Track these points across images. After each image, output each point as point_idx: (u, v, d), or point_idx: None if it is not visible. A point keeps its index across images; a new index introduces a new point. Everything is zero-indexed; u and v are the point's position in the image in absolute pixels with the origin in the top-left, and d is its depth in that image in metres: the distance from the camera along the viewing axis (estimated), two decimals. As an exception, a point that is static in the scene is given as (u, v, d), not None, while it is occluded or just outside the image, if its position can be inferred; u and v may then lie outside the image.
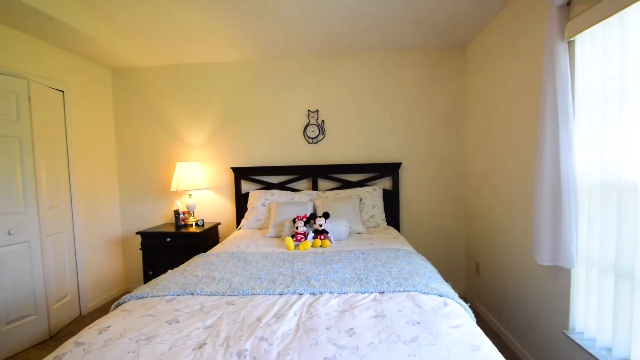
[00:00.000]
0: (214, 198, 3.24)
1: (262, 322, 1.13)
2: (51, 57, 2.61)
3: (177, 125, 3.24)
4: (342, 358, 0.93)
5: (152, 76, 3.24)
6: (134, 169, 3.31)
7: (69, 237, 2.76)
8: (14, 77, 2.29)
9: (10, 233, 2.24)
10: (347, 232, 2.38)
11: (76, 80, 2.85)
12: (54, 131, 2.61)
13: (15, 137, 2.28)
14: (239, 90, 3.15)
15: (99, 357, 0.97)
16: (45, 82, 2.54)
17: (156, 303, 1.31)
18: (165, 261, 2.74)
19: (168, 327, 1.12)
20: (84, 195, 2.91)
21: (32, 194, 2.38)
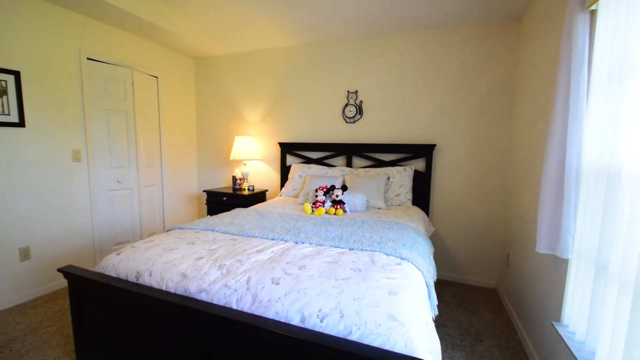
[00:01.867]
0: (264, 168, 3.76)
1: (245, 252, 1.50)
2: (148, 50, 3.39)
3: (239, 105, 3.82)
4: (283, 280, 1.23)
5: (223, 63, 3.86)
6: (208, 140, 4.06)
7: (159, 189, 3.64)
8: (123, 67, 3.10)
9: (119, 181, 3.14)
10: (363, 205, 2.57)
11: (167, 68, 3.63)
12: (149, 108, 3.43)
13: (123, 112, 3.13)
14: (288, 73, 3.52)
15: (138, 254, 1.49)
16: (144, 70, 3.34)
17: (187, 232, 1.81)
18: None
19: (186, 245, 1.59)
20: (170, 159, 3.76)
21: (134, 154, 3.24)
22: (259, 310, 1.16)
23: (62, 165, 2.68)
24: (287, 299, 1.15)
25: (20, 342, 1.96)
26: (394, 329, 1.00)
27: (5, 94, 2.29)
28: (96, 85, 2.88)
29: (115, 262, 1.50)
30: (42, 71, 2.50)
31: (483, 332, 2.21)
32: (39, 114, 2.50)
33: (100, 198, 2.99)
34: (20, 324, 2.16)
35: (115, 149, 3.08)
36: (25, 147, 2.43)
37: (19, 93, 2.35)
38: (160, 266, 1.40)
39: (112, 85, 3.01)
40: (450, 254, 3.05)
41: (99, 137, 2.94)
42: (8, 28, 2.28)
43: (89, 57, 2.82)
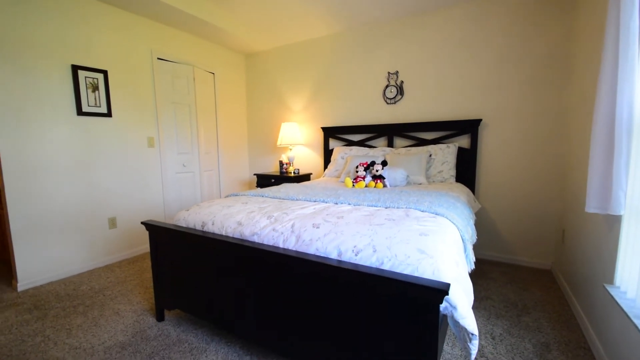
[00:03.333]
0: (309, 153, 3.97)
1: (290, 208, 1.69)
2: (206, 49, 3.80)
3: (284, 94, 4.08)
4: (323, 225, 1.38)
5: (269, 57, 4.15)
6: (257, 129, 4.40)
7: (216, 174, 4.05)
8: (186, 65, 3.53)
9: (184, 165, 3.58)
10: (403, 180, 2.62)
11: (222, 65, 4.03)
12: (208, 101, 3.85)
13: (187, 104, 3.56)
14: (329, 61, 3.67)
15: (203, 209, 1.76)
16: (203, 67, 3.75)
17: (241, 197, 2.07)
18: (270, 196, 3.69)
19: (241, 204, 1.83)
20: (226, 147, 4.15)
21: (196, 142, 3.66)
22: (301, 247, 1.32)
23: (140, 149, 3.16)
24: (326, 239, 1.30)
25: (110, 290, 2.39)
26: (422, 260, 1.09)
27: (97, 90, 2.79)
28: (165, 82, 3.34)
29: (185, 215, 1.79)
30: (124, 70, 2.98)
31: (532, 306, 2.13)
32: (121, 106, 2.98)
33: (169, 179, 3.44)
34: (110, 278, 2.63)
35: (181, 137, 3.52)
36: (112, 134, 2.92)
37: (107, 89, 2.85)
38: (221, 217, 1.65)
39: (178, 82, 3.45)
40: (499, 233, 2.94)
41: (168, 126, 3.40)
42: (98, 34, 2.77)
43: (159, 57, 3.27)
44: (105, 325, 1.90)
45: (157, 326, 1.89)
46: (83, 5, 2.65)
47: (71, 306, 2.15)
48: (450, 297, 1.00)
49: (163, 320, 1.95)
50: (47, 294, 2.33)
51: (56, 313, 2.06)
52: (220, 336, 1.79)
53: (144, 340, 1.75)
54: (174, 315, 2.02)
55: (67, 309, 2.11)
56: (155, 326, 1.89)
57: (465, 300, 1.05)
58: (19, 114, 2.35)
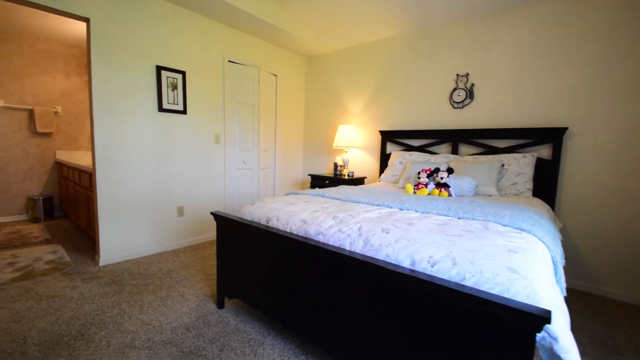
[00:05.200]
0: (364, 156, 3.90)
1: (354, 210, 1.64)
2: (271, 52, 3.95)
3: (342, 96, 4.07)
4: (392, 230, 1.31)
5: (330, 60, 4.18)
6: (313, 130, 4.45)
7: (272, 172, 4.18)
8: (252, 67, 3.70)
9: (245, 162, 3.75)
10: (471, 189, 2.42)
11: (284, 67, 4.15)
12: (269, 102, 3.99)
13: (250, 104, 3.73)
14: (390, 63, 3.57)
15: (267, 205, 1.80)
16: (267, 70, 3.90)
17: (302, 196, 2.08)
18: (323, 198, 3.70)
19: (303, 203, 1.83)
20: (282, 146, 4.27)
21: (256, 140, 3.82)
22: (370, 252, 1.27)
23: (207, 145, 3.37)
24: (397, 245, 1.23)
25: (176, 273, 2.57)
26: (514, 280, 0.97)
27: (175, 89, 3.04)
28: (233, 83, 3.54)
29: (250, 209, 1.85)
30: (199, 71, 3.22)
31: (624, 346, 1.81)
32: (195, 104, 3.22)
33: (231, 174, 3.63)
34: (176, 262, 2.83)
35: (243, 135, 3.70)
36: (185, 129, 3.17)
37: (184, 88, 3.09)
38: (285, 214, 1.67)
39: (244, 83, 3.63)
40: (583, 258, 2.57)
41: (233, 125, 3.59)
42: (178, 37, 3.03)
43: (230, 60, 3.48)
44: (172, 306, 2.04)
45: (217, 313, 1.97)
46: (166, 10, 2.92)
47: (143, 284, 2.35)
48: (551, 326, 0.87)
49: (223, 308, 2.04)
50: (123, 271, 2.58)
51: (130, 289, 2.27)
52: (277, 331, 1.80)
53: (206, 325, 1.83)
54: (232, 304, 2.10)
55: (139, 286, 2.31)
56: (216, 313, 1.98)
57: (568, 332, 0.90)
58: (112, 108, 2.65)
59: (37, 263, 2.62)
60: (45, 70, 4.13)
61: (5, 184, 3.95)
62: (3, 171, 3.93)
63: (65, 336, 1.69)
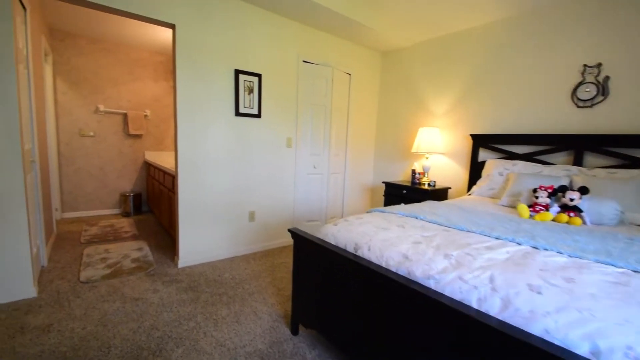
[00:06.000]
0: (448, 164, 3.41)
1: (470, 246, 1.28)
2: (344, 49, 3.68)
3: (424, 95, 3.61)
4: (546, 290, 0.93)
5: (409, 54, 3.76)
6: (386, 133, 4.08)
7: (341, 177, 3.94)
8: (325, 66, 3.49)
9: (315, 167, 3.57)
10: (615, 217, 1.83)
11: (358, 65, 3.86)
12: (342, 103, 3.74)
13: (323, 106, 3.53)
14: (487, 54, 3.02)
15: (354, 228, 1.53)
16: (341, 68, 3.65)
17: (390, 216, 1.77)
18: (400, 209, 3.33)
19: (397, 228, 1.52)
20: (353, 150, 4.00)
21: (327, 144, 3.61)
22: (515, 320, 0.91)
23: (279, 149, 3.27)
24: (562, 318, 0.85)
25: (248, 284, 2.48)
26: None
27: (252, 92, 2.97)
28: (307, 84, 3.37)
29: (334, 231, 1.61)
30: (273, 73, 3.11)
31: None
32: (269, 107, 3.12)
33: (301, 179, 3.48)
34: (247, 270, 2.76)
35: (315, 139, 3.51)
36: (258, 133, 3.09)
37: (259, 91, 3.01)
38: (378, 243, 1.38)
39: (318, 83, 3.44)
40: None
41: (305, 128, 3.43)
42: (255, 39, 2.94)
43: (304, 60, 3.31)
44: (245, 324, 1.92)
45: (292, 341, 1.79)
46: (245, 12, 2.84)
47: (217, 294, 2.29)
48: None
49: (297, 335, 1.85)
50: (199, 275, 2.59)
51: (205, 298, 2.22)
52: (360, 377, 1.54)
53: (281, 356, 1.66)
54: (308, 332, 1.89)
55: (214, 295, 2.26)
56: (291, 340, 1.79)
57: None
58: (194, 113, 2.67)
59: (125, 260, 2.78)
60: (138, 77, 4.51)
61: (103, 180, 4.42)
62: (102, 169, 4.39)
63: (145, 349, 1.66)
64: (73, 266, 2.64)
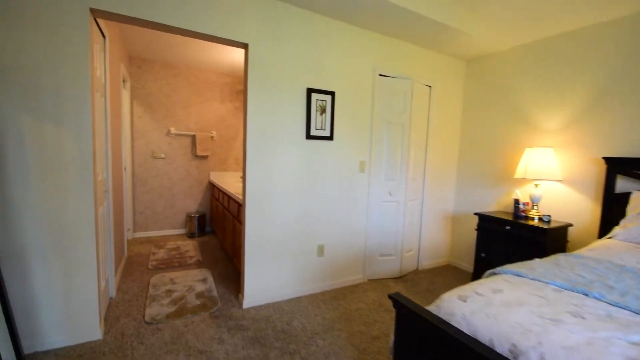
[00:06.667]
0: (567, 193, 2.68)
1: None
2: (425, 59, 3.21)
3: (528, 108, 2.96)
4: None
5: (504, 60, 3.15)
6: (473, 153, 3.47)
7: (419, 204, 3.41)
8: (405, 79, 3.05)
9: (390, 193, 3.10)
10: None
11: (439, 76, 3.36)
12: (421, 119, 3.25)
13: (400, 124, 3.08)
14: (624, 55, 2.30)
15: (501, 313, 1.04)
16: (421, 80, 3.19)
17: (541, 287, 1.23)
18: (500, 248, 2.68)
19: (572, 319, 1.00)
20: (432, 173, 3.45)
21: (404, 167, 3.13)
22: None
23: (352, 174, 2.88)
24: None
25: (321, 338, 2.09)
26: None
27: (324, 112, 2.65)
28: (383, 100, 2.97)
29: (465, 312, 1.13)
30: (347, 90, 2.77)
31: None
32: (341, 128, 2.78)
33: (374, 208, 3.05)
34: (317, 316, 2.37)
35: (390, 162, 3.07)
36: (330, 157, 2.75)
37: (332, 111, 2.68)
38: (559, 352, 0.87)
39: (395, 99, 3.02)
40: None
41: (380, 149, 3.01)
42: (329, 54, 2.64)
43: (380, 74, 2.92)
44: (326, 408, 1.51)
45: None
46: (319, 25, 2.56)
47: (288, 352, 1.93)
48: None
49: None
50: (266, 321, 2.27)
51: (275, 355, 1.88)
52: None
53: None
54: None
55: (285, 354, 1.91)
56: None
57: None
58: (264, 137, 2.42)
59: (189, 294, 2.60)
60: (205, 99, 4.55)
61: (171, 201, 4.47)
62: (171, 190, 4.45)
63: None
64: (139, 299, 2.52)
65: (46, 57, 1.69)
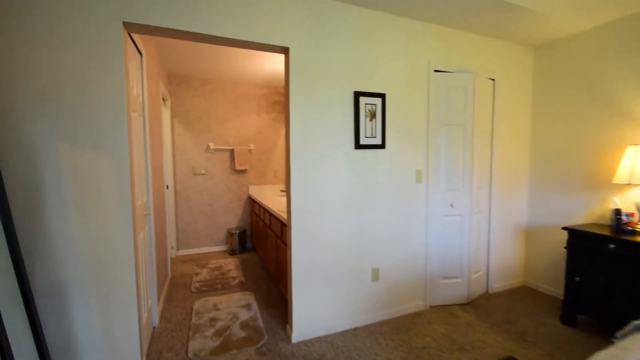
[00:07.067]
0: (694, 201, 2.10)
1: None
2: (486, 48, 2.78)
3: (627, 97, 2.40)
4: None
5: (586, 42, 2.62)
6: (549, 155, 2.93)
7: (485, 217, 2.94)
8: (464, 73, 2.64)
9: (452, 206, 2.68)
10: None
11: (504, 67, 2.90)
12: (484, 119, 2.81)
13: (461, 125, 2.66)
14: None
15: None
16: (483, 74, 2.76)
17: None
18: (602, 272, 2.15)
19: None
20: (499, 180, 2.97)
21: (468, 174, 2.70)
22: None
23: (407, 186, 2.52)
24: None
25: (386, 385, 1.74)
26: None
27: (374, 117, 2.34)
28: (439, 99, 2.59)
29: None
30: (399, 91, 2.44)
31: None
32: (394, 134, 2.44)
33: (434, 223, 2.65)
34: (379, 355, 2.03)
35: (451, 169, 2.66)
36: (382, 168, 2.42)
37: (383, 115, 2.36)
38: None
39: (453, 96, 2.62)
40: None
41: (438, 156, 2.62)
42: (377, 52, 2.33)
43: (436, 69, 2.55)
44: None
45: None
46: (366, 20, 2.27)
47: (350, 406, 1.61)
48: None
49: None
50: (319, 361, 1.97)
51: (335, 411, 1.57)
52: None
53: None
54: None
55: (346, 409, 1.59)
56: None
57: None
58: (309, 148, 2.16)
59: (234, 325, 2.38)
60: (242, 112, 4.45)
61: (212, 217, 4.39)
62: (211, 206, 4.37)
63: None
64: (182, 328, 2.36)
65: (79, 78, 1.58)
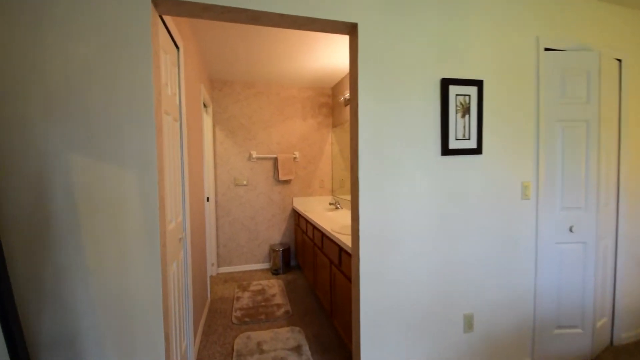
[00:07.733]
0: None
1: None
2: (609, 17, 2.08)
3: None
4: None
5: None
6: None
7: (612, 244, 2.18)
8: (585, 51, 1.96)
9: (572, 230, 1.99)
10: None
11: (632, 42, 2.16)
12: (611, 111, 2.09)
13: (582, 121, 1.97)
14: None
15: None
16: (609, 53, 2.05)
17: None
18: None
19: None
20: (630, 194, 2.20)
21: (593, 187, 1.99)
22: None
23: (510, 204, 1.89)
24: None
25: None
26: None
27: (467, 113, 1.76)
28: (552, 85, 1.93)
29: None
30: (498, 77, 1.83)
31: None
32: (492, 135, 1.83)
33: (546, 253, 1.97)
34: None
35: (570, 180, 1.97)
36: (477, 180, 1.82)
37: (479, 110, 1.77)
38: None
39: (571, 82, 1.95)
40: None
41: (551, 162, 1.95)
42: (471, 27, 1.76)
43: (547, 47, 1.91)
44: None
45: None
46: (459, -14, 1.71)
47: None
48: None
49: None
50: None
51: None
52: None
53: None
54: None
55: None
56: None
57: None
58: (381, 156, 1.64)
59: (284, 378, 1.91)
60: (287, 117, 4.07)
61: (254, 231, 4.02)
62: (253, 219, 4.01)
63: None
64: (223, 378, 1.93)
65: (97, 71, 1.22)
